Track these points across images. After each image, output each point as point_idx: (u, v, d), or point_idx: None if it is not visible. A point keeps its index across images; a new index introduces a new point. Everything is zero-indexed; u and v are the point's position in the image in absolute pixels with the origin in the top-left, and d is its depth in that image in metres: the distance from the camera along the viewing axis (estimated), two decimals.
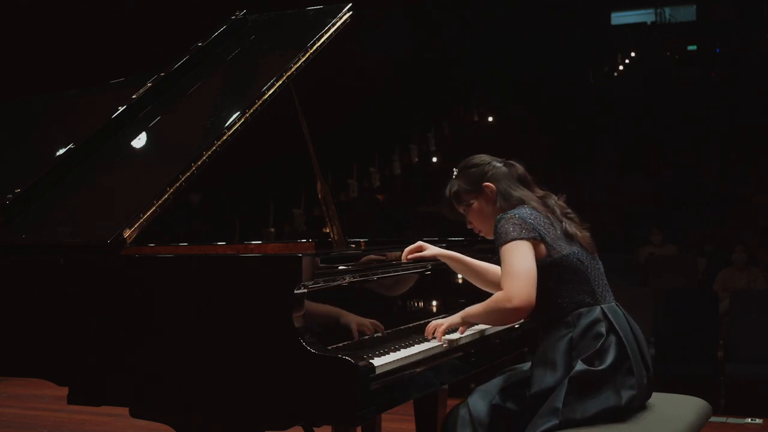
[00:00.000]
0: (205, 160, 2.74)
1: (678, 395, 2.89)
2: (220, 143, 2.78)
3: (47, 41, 9.42)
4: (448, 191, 2.84)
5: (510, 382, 2.68)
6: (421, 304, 3.05)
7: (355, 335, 2.59)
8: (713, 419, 4.16)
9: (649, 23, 23.97)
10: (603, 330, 2.54)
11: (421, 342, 2.67)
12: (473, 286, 3.04)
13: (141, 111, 3.14)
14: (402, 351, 2.52)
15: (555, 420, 2.44)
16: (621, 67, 21.66)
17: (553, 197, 2.78)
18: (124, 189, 2.87)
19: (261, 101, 2.92)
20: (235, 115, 2.85)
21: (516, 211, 2.63)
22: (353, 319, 2.62)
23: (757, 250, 8.41)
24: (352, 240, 3.09)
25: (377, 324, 2.71)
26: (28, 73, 8.83)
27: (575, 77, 19.06)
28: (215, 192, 10.95)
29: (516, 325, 3.12)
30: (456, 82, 18.29)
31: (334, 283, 2.51)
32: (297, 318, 2.25)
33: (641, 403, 2.61)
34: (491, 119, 18.22)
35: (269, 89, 2.95)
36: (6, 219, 2.79)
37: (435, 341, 2.68)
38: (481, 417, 2.61)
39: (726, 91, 15.77)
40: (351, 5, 3.28)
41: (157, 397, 2.42)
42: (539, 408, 2.50)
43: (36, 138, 3.45)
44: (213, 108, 3.12)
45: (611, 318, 2.57)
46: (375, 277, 2.76)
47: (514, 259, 2.53)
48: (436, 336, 2.68)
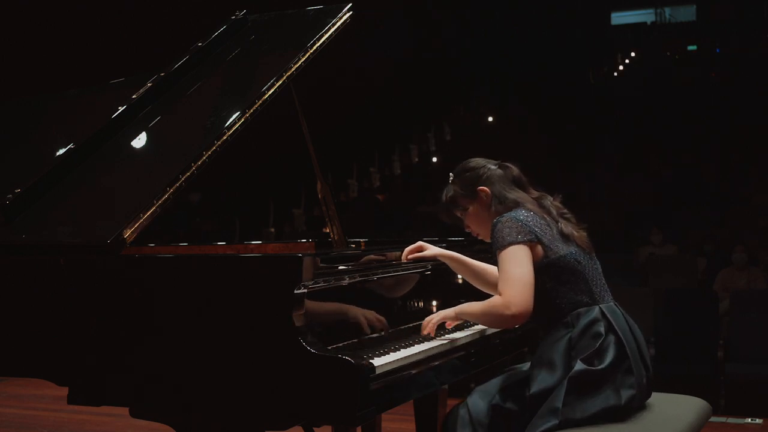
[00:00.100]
0: (205, 160, 2.74)
1: (678, 395, 2.89)
2: (220, 143, 2.78)
3: (47, 41, 9.42)
4: (444, 196, 2.85)
5: (509, 382, 2.68)
6: (421, 304, 3.05)
7: (357, 333, 2.60)
8: (713, 419, 4.16)
9: (649, 23, 23.98)
10: (602, 330, 2.54)
11: (422, 342, 2.67)
12: (473, 286, 3.04)
13: (141, 111, 3.14)
14: (402, 351, 2.52)
15: (555, 420, 2.44)
16: (621, 67, 21.66)
17: (549, 198, 2.78)
18: (124, 189, 2.87)
19: (261, 101, 2.91)
20: (235, 115, 2.85)
21: (512, 214, 2.62)
22: (354, 318, 2.63)
23: (757, 250, 8.41)
24: (352, 240, 3.09)
25: (381, 318, 2.72)
26: (28, 73, 8.84)
27: (575, 77, 19.07)
28: (215, 192, 10.96)
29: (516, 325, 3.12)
30: (456, 82, 18.30)
31: (334, 283, 2.51)
32: (297, 318, 2.25)
33: (641, 403, 2.61)
34: (491, 119, 18.21)
35: (269, 89, 2.94)
36: (6, 219, 2.79)
37: (435, 341, 2.68)
38: (481, 417, 2.61)
39: (726, 91, 15.78)
40: (351, 5, 3.28)
41: (157, 397, 2.42)
42: (539, 408, 2.50)
43: (36, 138, 3.45)
44: (213, 108, 3.12)
45: (610, 317, 2.57)
46: (375, 277, 2.76)
47: (511, 266, 2.53)
48: (428, 330, 2.68)
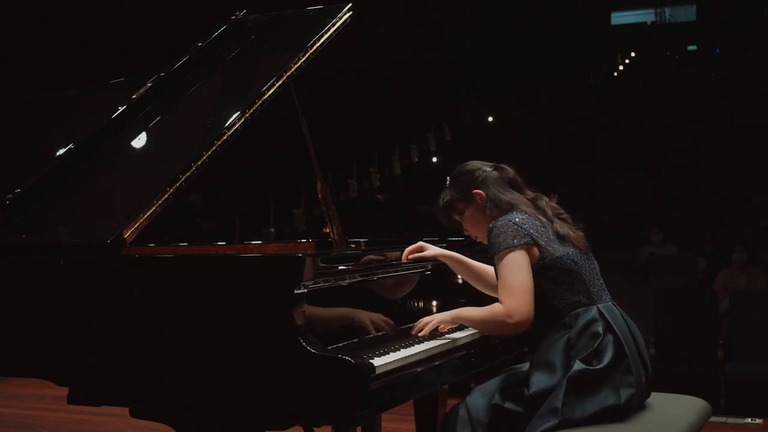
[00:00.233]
0: (205, 160, 2.74)
1: (678, 395, 2.89)
2: (220, 143, 2.78)
3: (47, 41, 9.42)
4: (441, 201, 2.86)
5: (509, 381, 2.68)
6: (421, 304, 3.05)
7: (357, 333, 2.60)
8: (713, 419, 4.16)
9: (649, 23, 23.97)
10: (600, 329, 2.54)
11: (421, 342, 2.67)
12: (473, 286, 3.04)
13: (141, 111, 3.14)
14: (402, 351, 2.52)
15: (554, 420, 2.44)
16: (621, 67, 21.65)
17: (545, 198, 2.78)
18: (124, 189, 2.87)
19: (261, 101, 2.91)
20: (235, 115, 2.85)
21: (508, 218, 2.63)
22: (354, 318, 2.63)
23: (757, 250, 8.41)
24: (352, 240, 3.09)
25: (381, 318, 2.72)
26: (28, 73, 8.84)
27: (575, 77, 19.07)
28: (215, 192, 10.96)
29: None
30: (456, 82, 18.29)
31: (334, 283, 2.51)
32: (297, 318, 2.25)
33: (640, 403, 2.62)
34: (491, 119, 18.21)
35: (269, 89, 2.94)
36: (6, 219, 2.79)
37: (435, 341, 2.68)
38: (480, 417, 2.61)
39: (726, 91, 15.77)
40: (351, 5, 3.28)
41: (157, 397, 2.42)
42: (538, 408, 2.50)
43: (36, 138, 3.44)
44: (213, 108, 3.12)
45: (608, 317, 2.57)
46: (375, 278, 2.76)
47: (511, 273, 2.53)
48: (423, 333, 2.67)
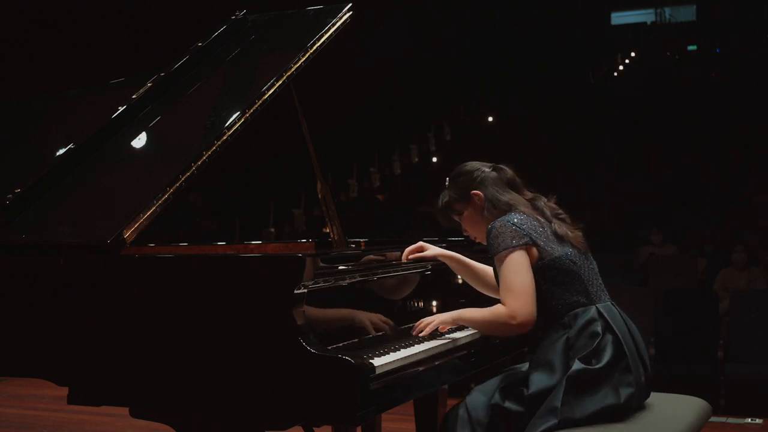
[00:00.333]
0: (205, 160, 2.74)
1: (678, 395, 2.89)
2: (220, 143, 2.78)
3: (47, 41, 9.42)
4: (440, 201, 2.86)
5: (509, 381, 2.68)
6: (421, 304, 3.05)
7: (357, 333, 2.60)
8: (713, 419, 4.16)
9: (649, 23, 23.97)
10: (599, 329, 2.55)
11: (422, 342, 2.67)
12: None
13: (141, 111, 3.14)
14: (402, 351, 2.52)
15: (554, 419, 2.44)
16: (621, 67, 21.65)
17: (543, 199, 2.78)
18: (124, 189, 2.87)
19: (261, 101, 2.91)
20: (235, 115, 2.85)
21: (506, 218, 2.63)
22: (354, 318, 2.62)
23: (757, 250, 8.40)
24: (352, 240, 3.09)
25: (381, 318, 2.71)
26: (28, 73, 8.84)
27: (575, 77, 19.06)
28: (215, 192, 10.96)
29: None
30: (456, 82, 18.29)
31: (334, 283, 2.51)
32: (297, 318, 2.25)
33: (640, 402, 2.62)
34: (491, 119, 18.21)
35: (269, 89, 2.94)
36: (6, 219, 2.79)
37: (435, 341, 2.68)
38: (480, 416, 2.61)
39: (726, 91, 15.77)
40: (351, 5, 3.28)
41: (157, 397, 2.42)
42: (538, 408, 2.50)
43: (36, 138, 3.44)
44: (213, 108, 3.12)
45: (607, 317, 2.58)
46: (375, 278, 2.76)
47: (512, 274, 2.54)
48: (423, 333, 2.67)
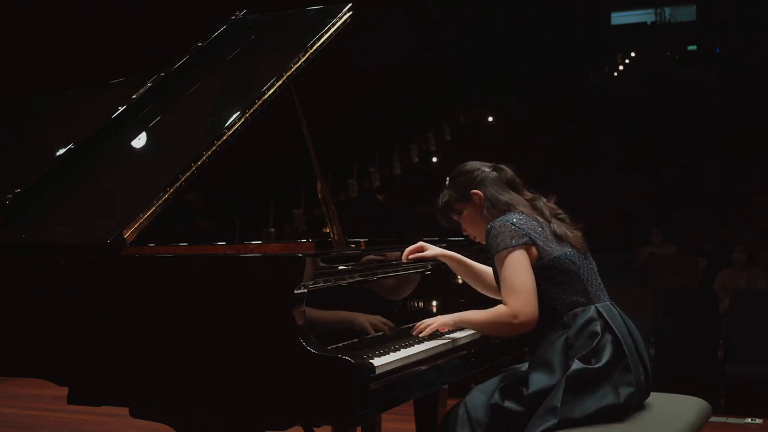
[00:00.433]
0: (205, 160, 2.74)
1: (678, 395, 2.89)
2: (220, 143, 2.78)
3: (47, 41, 9.42)
4: (440, 201, 2.86)
5: (508, 381, 2.68)
6: (421, 304, 3.05)
7: (357, 333, 2.60)
8: (713, 419, 4.16)
9: (649, 23, 23.98)
10: (598, 329, 2.55)
11: (422, 342, 2.67)
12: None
13: (141, 111, 3.14)
14: (402, 351, 2.52)
15: (554, 419, 2.44)
16: (621, 67, 21.66)
17: (542, 199, 2.78)
18: (124, 189, 2.87)
19: (261, 101, 2.91)
20: (235, 115, 2.85)
21: (505, 218, 2.63)
22: (354, 318, 2.62)
23: (757, 250, 8.40)
24: (352, 240, 3.09)
25: (381, 318, 2.71)
26: (28, 73, 8.83)
27: (575, 77, 19.07)
28: (215, 192, 10.96)
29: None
30: (456, 82, 18.29)
31: (334, 283, 2.51)
32: (297, 318, 2.25)
33: (640, 402, 2.62)
34: (491, 119, 18.21)
35: (269, 89, 2.94)
36: (6, 219, 2.79)
37: (435, 341, 2.68)
38: (480, 416, 2.62)
39: (726, 91, 15.78)
40: (351, 5, 3.28)
41: (157, 397, 2.42)
42: (537, 408, 2.50)
43: (36, 138, 3.44)
44: (213, 108, 3.12)
45: (606, 316, 2.58)
46: (375, 278, 2.76)
47: (513, 274, 2.54)
48: (423, 334, 2.67)
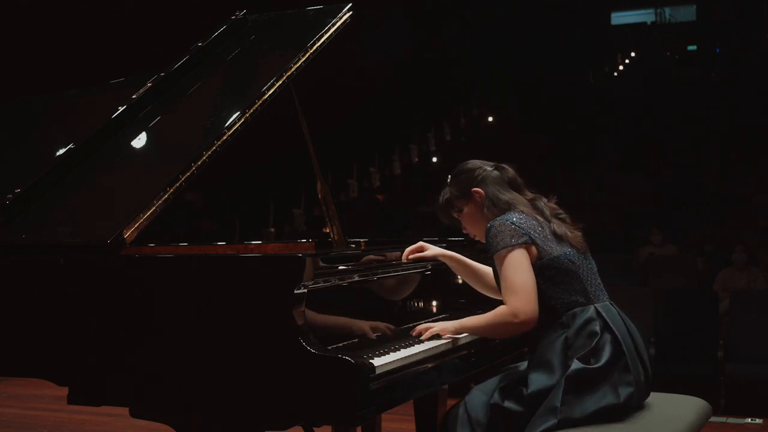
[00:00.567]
0: (205, 160, 2.74)
1: (678, 395, 2.89)
2: (220, 143, 2.78)
3: (47, 41, 9.42)
4: (441, 198, 2.87)
5: (508, 381, 2.68)
6: (421, 304, 3.05)
7: (357, 333, 2.59)
8: (713, 419, 4.16)
9: (649, 23, 23.98)
10: (597, 328, 2.55)
11: (422, 342, 2.67)
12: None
13: (141, 111, 3.14)
14: (402, 351, 2.51)
15: (554, 419, 2.44)
16: (621, 67, 21.67)
17: (543, 199, 2.79)
18: (124, 189, 2.87)
19: (261, 101, 2.91)
20: (235, 115, 2.85)
21: (505, 217, 2.64)
22: (354, 318, 2.62)
23: (757, 250, 8.40)
24: (352, 240, 3.09)
25: (381, 318, 2.71)
26: (28, 73, 8.84)
27: (575, 77, 19.08)
28: (215, 192, 10.96)
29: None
30: (456, 82, 18.29)
31: (334, 283, 2.51)
32: (297, 318, 2.25)
33: (639, 402, 2.61)
34: (491, 119, 18.21)
35: (269, 89, 2.94)
36: (6, 219, 2.79)
37: (435, 341, 2.67)
38: (479, 416, 2.62)
39: (726, 91, 15.78)
40: (351, 5, 3.28)
41: (157, 397, 2.42)
42: (537, 408, 2.50)
43: (36, 138, 3.44)
44: (213, 108, 3.12)
45: (605, 316, 2.58)
46: (375, 278, 2.76)
47: (513, 273, 2.54)
48: (423, 337, 2.66)
